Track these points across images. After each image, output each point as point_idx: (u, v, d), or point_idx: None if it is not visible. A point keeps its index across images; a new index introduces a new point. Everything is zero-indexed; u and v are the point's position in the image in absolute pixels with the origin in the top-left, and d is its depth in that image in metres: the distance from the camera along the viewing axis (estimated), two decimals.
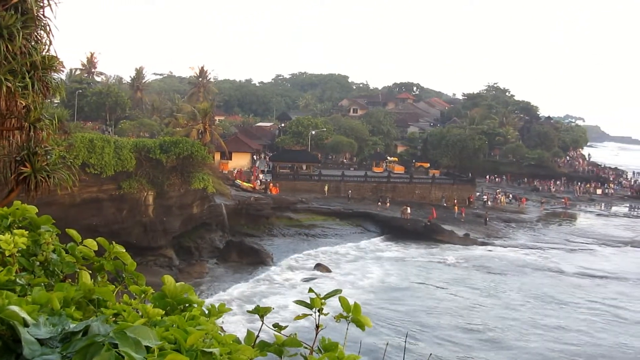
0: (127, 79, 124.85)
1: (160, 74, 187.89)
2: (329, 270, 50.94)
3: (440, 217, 69.35)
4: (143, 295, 2.86)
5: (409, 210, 69.35)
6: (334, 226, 66.74)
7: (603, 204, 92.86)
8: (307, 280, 48.22)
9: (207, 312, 2.78)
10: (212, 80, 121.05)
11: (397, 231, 65.73)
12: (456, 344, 36.46)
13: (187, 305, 2.73)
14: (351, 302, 2.70)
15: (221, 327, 2.76)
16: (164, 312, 2.46)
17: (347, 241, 62.51)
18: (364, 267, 53.33)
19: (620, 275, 54.77)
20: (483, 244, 63.89)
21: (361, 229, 67.56)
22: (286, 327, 2.71)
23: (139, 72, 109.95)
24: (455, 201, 76.41)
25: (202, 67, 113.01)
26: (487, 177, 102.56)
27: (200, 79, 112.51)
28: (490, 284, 50.49)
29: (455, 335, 38.08)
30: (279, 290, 45.47)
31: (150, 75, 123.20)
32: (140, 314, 2.40)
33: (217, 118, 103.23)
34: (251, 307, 2.86)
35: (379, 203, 72.65)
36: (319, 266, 51.70)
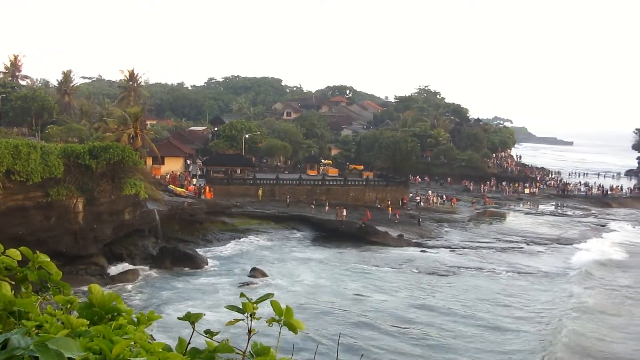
0: (54, 82, 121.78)
1: (89, 78, 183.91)
2: (264, 275, 50.70)
3: (374, 219, 70.02)
4: (69, 306, 2.78)
5: (344, 212, 69.88)
6: (269, 230, 66.68)
7: (530, 202, 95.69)
8: (242, 285, 47.89)
9: (136, 320, 2.72)
10: (143, 83, 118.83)
11: (332, 233, 66.06)
12: (388, 347, 36.75)
13: (115, 314, 2.66)
14: (283, 305, 2.69)
15: (151, 336, 2.70)
16: (89, 322, 2.40)
17: (281, 244, 62.52)
18: (296, 270, 53.29)
19: (549, 272, 56.46)
20: (417, 244, 64.76)
21: (296, 231, 67.70)
22: (217, 333, 2.67)
23: (67, 76, 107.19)
24: (389, 202, 77.32)
25: (133, 71, 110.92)
26: (411, 177, 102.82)
27: (131, 83, 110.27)
28: (423, 285, 51.17)
29: (387, 337, 38.36)
30: (210, 295, 44.98)
31: (78, 78, 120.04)
32: (63, 324, 2.32)
33: (148, 122, 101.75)
34: (179, 314, 2.80)
35: (312, 206, 72.80)
36: (254, 270, 51.41)
